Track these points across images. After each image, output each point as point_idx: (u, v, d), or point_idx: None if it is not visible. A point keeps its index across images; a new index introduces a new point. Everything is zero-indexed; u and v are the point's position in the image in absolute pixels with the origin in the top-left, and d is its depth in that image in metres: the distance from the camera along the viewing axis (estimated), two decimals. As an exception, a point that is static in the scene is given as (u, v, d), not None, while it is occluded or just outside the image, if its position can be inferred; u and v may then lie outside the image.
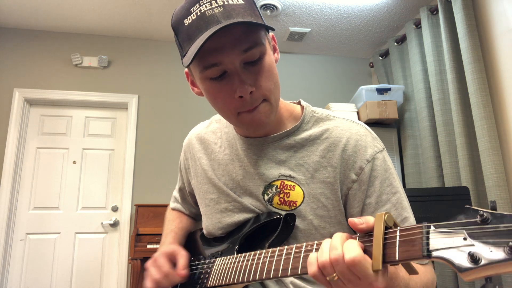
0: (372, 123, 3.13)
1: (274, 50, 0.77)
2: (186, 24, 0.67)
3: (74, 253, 3.11)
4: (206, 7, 0.65)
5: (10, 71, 3.24)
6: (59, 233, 3.12)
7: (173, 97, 3.47)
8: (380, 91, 3.12)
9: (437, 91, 2.68)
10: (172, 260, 0.82)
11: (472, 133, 2.40)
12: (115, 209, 3.23)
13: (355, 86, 3.60)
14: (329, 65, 3.87)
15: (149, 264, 0.81)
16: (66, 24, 3.29)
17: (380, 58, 3.60)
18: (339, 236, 0.51)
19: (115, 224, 3.19)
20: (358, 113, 3.20)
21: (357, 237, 0.52)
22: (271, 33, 0.76)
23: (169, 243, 0.89)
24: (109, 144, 3.37)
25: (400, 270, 0.58)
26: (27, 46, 3.31)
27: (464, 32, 2.40)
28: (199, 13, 0.65)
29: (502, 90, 2.30)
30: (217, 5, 0.65)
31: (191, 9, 0.66)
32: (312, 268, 0.51)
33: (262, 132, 0.79)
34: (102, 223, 3.19)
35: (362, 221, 0.51)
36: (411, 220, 0.74)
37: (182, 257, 0.81)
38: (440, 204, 1.95)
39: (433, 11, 2.83)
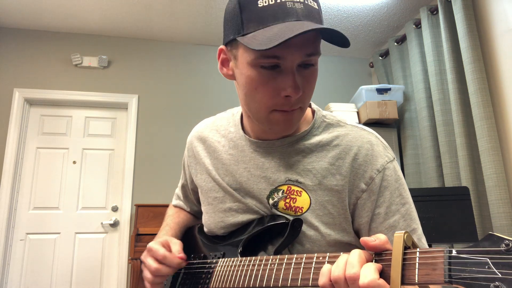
0: (372, 123, 3.13)
1: None
2: (259, 5, 0.64)
3: (74, 253, 3.11)
4: None
5: (10, 71, 3.24)
6: (59, 233, 3.12)
7: (173, 97, 3.47)
8: (380, 91, 3.12)
9: (437, 91, 2.68)
10: (167, 249, 0.80)
11: (472, 133, 2.40)
12: (115, 209, 3.23)
13: (355, 86, 3.60)
14: (329, 65, 3.87)
15: (143, 256, 0.79)
16: (66, 24, 3.29)
17: (380, 58, 3.60)
18: (357, 254, 0.50)
19: (115, 224, 3.19)
20: (358, 113, 3.20)
21: (373, 255, 0.51)
22: None
23: (162, 236, 0.88)
24: (109, 144, 3.37)
25: None
26: (27, 46, 3.31)
27: (464, 32, 2.41)
28: (278, 1, 0.63)
29: (502, 90, 2.30)
30: (298, 0, 0.64)
31: None
32: (323, 279, 0.51)
33: (280, 135, 0.78)
34: (102, 223, 3.19)
35: (373, 239, 0.51)
36: (419, 232, 0.74)
37: (176, 244, 0.80)
38: (440, 204, 1.95)
39: (433, 11, 2.83)
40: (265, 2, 0.64)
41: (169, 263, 0.76)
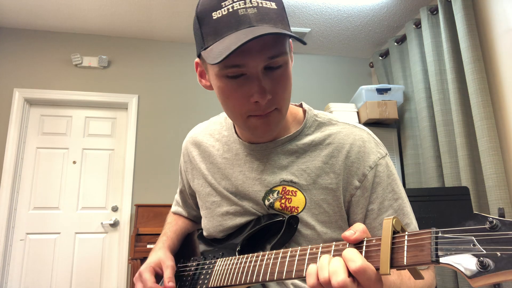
0: (372, 123, 3.13)
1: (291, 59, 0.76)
2: (214, 18, 0.64)
3: (74, 253, 3.11)
4: (239, 5, 0.62)
5: (10, 71, 3.24)
6: (59, 233, 3.12)
7: (173, 97, 3.47)
8: (380, 91, 3.12)
9: (437, 91, 2.68)
10: (159, 271, 0.81)
11: (472, 133, 2.40)
12: (115, 209, 3.23)
13: (355, 86, 3.60)
14: (329, 65, 3.87)
15: (135, 279, 0.80)
16: (66, 24, 3.29)
17: (380, 58, 3.60)
18: (340, 262, 0.49)
19: (115, 224, 3.19)
20: (358, 113, 3.20)
21: (364, 242, 0.51)
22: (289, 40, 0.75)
23: (159, 248, 0.88)
24: (109, 144, 3.37)
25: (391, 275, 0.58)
26: (27, 46, 3.31)
27: (464, 32, 2.41)
28: (231, 10, 0.63)
29: (502, 90, 2.30)
30: (251, 5, 0.63)
31: (223, 3, 0.63)
32: (311, 280, 0.50)
33: (266, 138, 0.78)
34: (102, 223, 3.19)
35: (352, 232, 0.52)
36: (413, 227, 0.75)
37: (168, 268, 0.80)
38: (440, 204, 1.95)
39: (433, 11, 2.83)
40: (219, 14, 0.64)
41: None
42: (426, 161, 2.80)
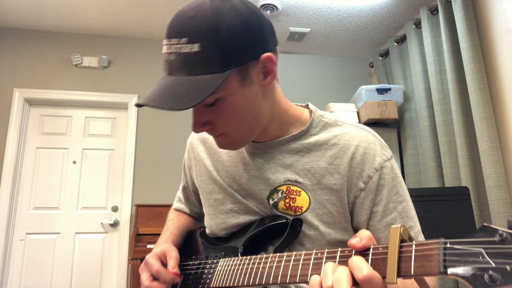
0: (372, 123, 3.13)
1: (267, 74, 0.68)
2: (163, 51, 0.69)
3: (74, 253, 3.11)
4: (166, 48, 0.65)
5: (10, 71, 3.24)
6: (59, 233, 3.12)
7: (173, 97, 3.47)
8: (380, 91, 3.12)
9: (437, 91, 2.68)
10: (163, 261, 0.80)
11: (472, 133, 2.40)
12: (115, 209, 3.23)
13: (355, 86, 3.60)
14: (329, 65, 3.87)
15: (140, 269, 0.80)
16: (66, 24, 3.29)
17: (380, 58, 3.61)
18: (345, 273, 0.49)
19: (115, 224, 3.19)
20: (358, 113, 3.20)
21: (370, 249, 0.51)
22: (266, 54, 0.66)
23: (163, 242, 0.88)
24: (109, 144, 3.37)
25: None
26: (27, 46, 3.31)
27: (464, 32, 2.41)
28: (163, 51, 0.66)
29: (502, 90, 2.30)
30: (171, 51, 0.64)
31: (164, 41, 0.66)
32: None
33: (264, 138, 0.79)
34: (102, 223, 3.19)
35: (358, 239, 0.51)
36: (416, 230, 0.74)
37: (172, 258, 0.80)
38: (440, 204, 1.95)
39: (433, 11, 2.83)
40: (162, 50, 0.67)
41: (163, 278, 0.76)
42: (426, 161, 2.80)
